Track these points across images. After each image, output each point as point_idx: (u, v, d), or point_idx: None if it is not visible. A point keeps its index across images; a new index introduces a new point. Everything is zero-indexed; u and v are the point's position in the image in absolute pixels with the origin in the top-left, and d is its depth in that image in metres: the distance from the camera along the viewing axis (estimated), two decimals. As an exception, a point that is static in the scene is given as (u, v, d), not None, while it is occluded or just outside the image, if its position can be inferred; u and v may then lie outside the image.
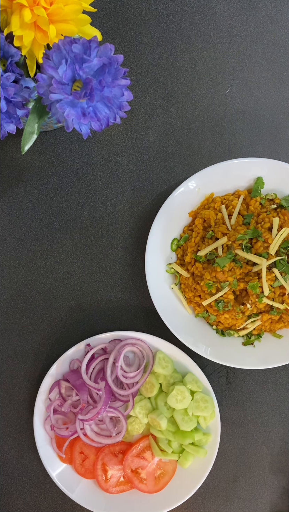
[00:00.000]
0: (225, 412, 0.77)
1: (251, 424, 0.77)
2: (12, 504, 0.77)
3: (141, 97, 0.76)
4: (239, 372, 0.77)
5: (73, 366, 0.75)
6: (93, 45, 0.50)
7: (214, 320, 0.73)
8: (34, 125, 0.59)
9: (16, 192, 0.76)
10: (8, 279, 0.77)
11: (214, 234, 0.71)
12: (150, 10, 0.76)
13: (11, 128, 0.55)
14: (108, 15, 0.76)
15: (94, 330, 0.76)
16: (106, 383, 0.73)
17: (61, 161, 0.76)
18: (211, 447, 0.73)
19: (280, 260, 0.68)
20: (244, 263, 0.70)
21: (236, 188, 0.74)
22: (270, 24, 0.76)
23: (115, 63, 0.51)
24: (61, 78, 0.50)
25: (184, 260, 0.74)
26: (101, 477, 0.74)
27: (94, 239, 0.77)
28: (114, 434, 0.74)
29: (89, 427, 0.74)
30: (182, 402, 0.72)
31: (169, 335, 0.73)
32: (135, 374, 0.74)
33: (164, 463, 0.75)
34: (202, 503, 0.77)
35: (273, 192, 0.73)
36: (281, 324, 0.73)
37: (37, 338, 0.77)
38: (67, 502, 0.77)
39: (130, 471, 0.74)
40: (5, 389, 0.77)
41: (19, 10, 0.52)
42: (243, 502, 0.77)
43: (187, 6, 0.76)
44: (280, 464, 0.77)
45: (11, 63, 0.54)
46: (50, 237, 0.77)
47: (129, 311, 0.77)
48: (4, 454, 0.77)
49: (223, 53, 0.76)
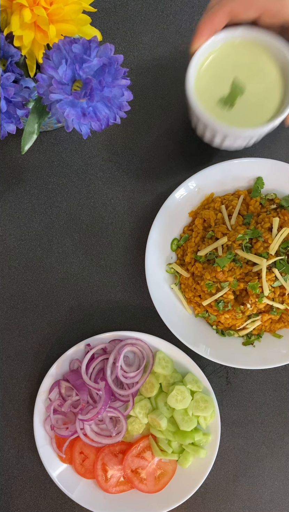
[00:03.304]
0: (225, 412, 0.77)
1: (251, 424, 0.77)
2: (12, 504, 0.77)
3: (141, 97, 0.76)
4: (239, 372, 0.77)
5: (73, 366, 0.75)
6: (93, 45, 0.50)
7: (214, 320, 0.73)
8: (34, 125, 0.59)
9: (16, 192, 0.76)
10: (8, 279, 0.77)
11: (214, 234, 0.71)
12: (150, 10, 0.76)
13: (11, 128, 0.55)
14: (108, 15, 0.76)
15: (94, 330, 0.76)
16: (106, 383, 0.73)
17: (61, 161, 0.76)
18: (211, 447, 0.73)
19: (280, 260, 0.68)
20: (244, 263, 0.70)
21: (236, 188, 0.74)
22: (270, 24, 0.76)
23: (115, 63, 0.51)
24: (61, 78, 0.50)
25: (184, 260, 0.74)
26: (101, 477, 0.74)
27: (94, 239, 0.77)
28: (114, 434, 0.74)
29: (89, 427, 0.74)
30: (182, 402, 0.72)
31: (169, 335, 0.73)
32: (135, 374, 0.74)
33: (164, 463, 0.75)
34: (202, 503, 0.77)
35: (273, 192, 0.73)
36: (281, 324, 0.73)
37: (37, 338, 0.77)
38: (67, 502, 0.77)
39: (130, 471, 0.74)
40: (5, 389, 0.77)
41: (19, 10, 0.52)
42: (243, 502, 0.77)
43: (187, 6, 0.76)
44: (280, 464, 0.77)
45: (11, 63, 0.54)
46: (50, 237, 0.77)
47: (129, 311, 0.77)
48: (4, 454, 0.77)
49: (223, 53, 0.76)
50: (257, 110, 0.59)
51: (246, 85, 0.59)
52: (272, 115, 0.59)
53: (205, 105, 0.60)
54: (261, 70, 0.59)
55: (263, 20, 0.54)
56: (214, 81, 0.59)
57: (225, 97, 0.59)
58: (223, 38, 0.58)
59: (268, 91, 0.59)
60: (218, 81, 0.59)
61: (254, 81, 0.59)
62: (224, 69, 0.59)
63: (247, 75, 0.59)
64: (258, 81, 0.59)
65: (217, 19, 0.54)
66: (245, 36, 0.58)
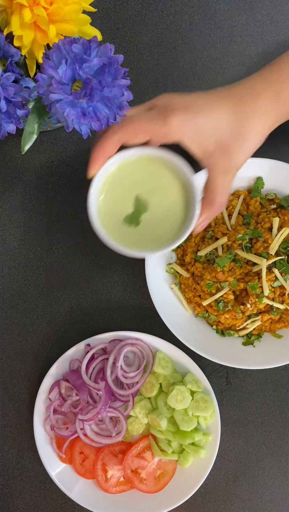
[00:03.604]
0: (225, 412, 0.77)
1: (251, 424, 0.77)
2: (12, 504, 0.77)
3: (141, 97, 0.76)
4: (239, 372, 0.77)
5: (73, 366, 0.75)
6: (93, 45, 0.50)
7: (214, 320, 0.73)
8: (34, 125, 0.59)
9: (16, 192, 0.76)
10: (8, 279, 0.77)
11: (214, 234, 0.71)
12: (150, 10, 0.76)
13: (11, 128, 0.55)
14: (108, 15, 0.75)
15: (94, 330, 0.76)
16: (106, 383, 0.73)
17: (61, 161, 0.76)
18: (211, 447, 0.73)
19: (280, 260, 0.68)
20: (244, 263, 0.70)
21: (236, 188, 0.74)
22: (270, 24, 0.76)
23: (115, 63, 0.51)
24: (61, 78, 0.50)
25: (184, 260, 0.74)
26: (101, 477, 0.74)
27: (94, 239, 0.77)
28: (114, 434, 0.74)
29: (89, 427, 0.74)
30: (182, 402, 0.72)
31: (169, 335, 0.73)
32: (135, 374, 0.74)
33: (164, 463, 0.75)
34: (202, 503, 0.77)
35: (273, 192, 0.73)
36: (281, 324, 0.73)
37: (37, 338, 0.77)
38: (67, 502, 0.77)
39: (130, 471, 0.74)
40: (5, 389, 0.77)
41: (19, 10, 0.52)
42: (243, 502, 0.77)
43: (187, 6, 0.76)
44: (280, 464, 0.77)
45: (11, 63, 0.54)
46: (50, 237, 0.77)
47: (129, 311, 0.77)
48: (4, 454, 0.77)
49: (223, 53, 0.76)
50: (163, 225, 0.58)
51: (149, 202, 0.58)
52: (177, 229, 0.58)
53: (112, 227, 0.58)
54: (162, 185, 0.58)
55: (154, 142, 0.55)
56: (117, 201, 0.58)
57: (130, 216, 0.58)
58: (118, 159, 0.57)
59: (172, 205, 0.58)
60: (121, 200, 0.58)
61: (157, 197, 0.58)
62: (124, 188, 0.58)
63: (148, 191, 0.58)
64: (160, 196, 0.58)
65: (108, 147, 0.55)
66: (139, 154, 0.57)
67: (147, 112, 0.55)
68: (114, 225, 0.58)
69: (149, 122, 0.53)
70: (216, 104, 0.54)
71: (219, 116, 0.54)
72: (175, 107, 0.53)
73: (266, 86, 0.55)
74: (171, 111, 0.53)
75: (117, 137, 0.54)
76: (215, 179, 0.55)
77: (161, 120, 0.53)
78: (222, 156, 0.54)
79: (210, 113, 0.54)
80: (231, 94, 0.55)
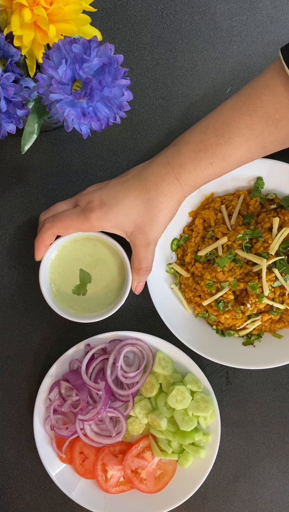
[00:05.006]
0: (225, 412, 0.77)
1: (251, 424, 0.77)
2: (12, 504, 0.77)
3: (141, 97, 0.76)
4: (239, 372, 0.77)
5: (73, 366, 0.75)
6: (93, 45, 0.50)
7: (214, 320, 0.73)
8: (34, 125, 0.59)
9: (16, 192, 0.76)
10: (8, 279, 0.77)
11: (214, 234, 0.71)
12: (150, 10, 0.76)
13: (11, 128, 0.55)
14: (108, 15, 0.75)
15: (94, 330, 0.76)
16: (106, 383, 0.73)
17: (61, 161, 0.76)
18: (211, 447, 0.73)
19: (280, 260, 0.68)
20: (244, 263, 0.70)
21: (236, 188, 0.74)
22: (270, 24, 0.76)
23: (115, 63, 0.51)
24: (61, 78, 0.50)
25: (184, 260, 0.74)
26: (101, 477, 0.74)
27: (94, 239, 0.77)
28: (114, 434, 0.74)
29: (89, 427, 0.74)
30: (182, 402, 0.72)
31: (169, 335, 0.73)
32: (135, 374, 0.74)
33: (164, 463, 0.75)
34: (202, 503, 0.77)
35: (273, 192, 0.73)
36: (281, 324, 0.73)
37: (37, 338, 0.77)
38: (67, 502, 0.77)
39: (130, 471, 0.74)
40: (5, 389, 0.77)
41: (19, 10, 0.52)
42: (243, 502, 0.77)
43: (187, 6, 0.76)
44: (280, 464, 0.77)
45: (11, 63, 0.54)
46: (50, 237, 0.77)
47: (129, 311, 0.77)
48: (4, 454, 0.77)
49: (223, 53, 0.76)
50: (105, 293, 0.71)
51: (92, 273, 0.70)
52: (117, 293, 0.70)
53: (65, 297, 0.71)
54: (101, 258, 0.70)
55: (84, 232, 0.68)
56: (66, 275, 0.70)
57: (77, 287, 0.71)
58: (59, 243, 0.69)
59: (112, 274, 0.70)
60: (69, 275, 0.70)
61: (98, 268, 0.70)
62: (70, 264, 0.70)
63: (90, 264, 0.70)
64: (100, 268, 0.70)
65: (46, 238, 0.67)
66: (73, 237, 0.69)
67: (73, 209, 0.66)
68: (67, 294, 0.71)
69: (75, 220, 0.65)
70: (126, 194, 0.65)
71: (130, 203, 0.64)
72: (93, 206, 0.64)
73: (168, 170, 0.64)
74: (90, 211, 0.64)
75: (51, 232, 0.66)
76: (138, 252, 0.66)
77: (83, 218, 0.65)
78: (140, 234, 0.65)
79: (123, 204, 0.64)
80: (139, 181, 0.65)
